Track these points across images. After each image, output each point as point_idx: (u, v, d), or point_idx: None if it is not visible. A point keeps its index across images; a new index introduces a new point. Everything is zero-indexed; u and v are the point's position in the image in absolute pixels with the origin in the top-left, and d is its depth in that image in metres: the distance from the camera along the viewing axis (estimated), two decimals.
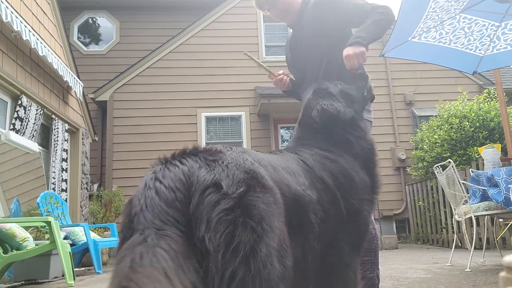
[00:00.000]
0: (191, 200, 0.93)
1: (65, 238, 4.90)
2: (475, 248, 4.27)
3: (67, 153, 6.84)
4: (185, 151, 1.08)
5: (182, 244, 0.86)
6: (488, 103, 7.40)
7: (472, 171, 4.44)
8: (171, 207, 0.91)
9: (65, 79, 6.55)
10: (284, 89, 2.37)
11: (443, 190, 5.42)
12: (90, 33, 10.68)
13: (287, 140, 9.46)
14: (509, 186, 3.40)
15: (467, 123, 7.00)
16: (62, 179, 6.54)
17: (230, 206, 0.90)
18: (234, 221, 0.88)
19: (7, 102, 5.44)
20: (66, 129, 6.89)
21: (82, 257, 5.54)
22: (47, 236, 4.55)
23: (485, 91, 8.21)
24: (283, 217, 1.02)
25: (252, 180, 0.98)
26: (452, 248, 4.49)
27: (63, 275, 4.03)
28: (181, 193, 0.94)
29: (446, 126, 7.27)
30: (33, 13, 6.00)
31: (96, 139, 8.96)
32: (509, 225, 4.63)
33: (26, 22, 5.45)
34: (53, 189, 6.19)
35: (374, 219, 7.37)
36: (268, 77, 2.42)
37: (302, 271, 1.21)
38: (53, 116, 6.49)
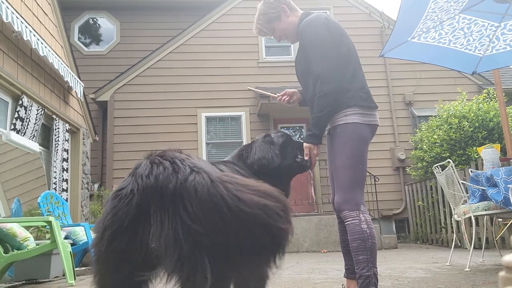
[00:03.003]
0: None
1: (66, 237, 4.91)
2: (474, 247, 4.28)
3: (67, 153, 6.85)
4: (170, 150, 1.43)
5: None
6: (487, 103, 7.41)
7: (471, 171, 4.45)
8: None
9: (65, 79, 6.56)
10: (293, 103, 2.62)
11: (442, 190, 5.43)
12: (91, 33, 10.69)
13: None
14: (508, 186, 3.42)
15: (466, 123, 7.01)
16: (63, 179, 6.55)
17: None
18: None
19: (8, 102, 5.45)
20: (67, 129, 6.90)
21: (82, 256, 5.55)
22: (47, 235, 4.56)
23: (484, 91, 8.22)
24: None
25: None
26: (451, 247, 4.51)
27: (63, 275, 4.04)
28: None
29: (446, 126, 7.29)
30: (33, 14, 6.01)
31: (97, 139, 8.97)
32: (508, 224, 4.64)
33: (27, 22, 5.46)
34: (54, 189, 6.21)
35: (373, 219, 7.44)
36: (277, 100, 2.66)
37: None
38: (54, 116, 6.50)
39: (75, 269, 4.06)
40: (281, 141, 2.26)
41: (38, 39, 5.52)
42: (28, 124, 5.52)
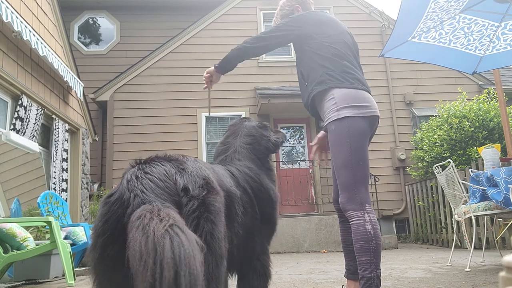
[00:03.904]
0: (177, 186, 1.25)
1: (66, 238, 4.91)
2: (474, 248, 4.28)
3: (67, 153, 6.84)
4: (158, 157, 1.38)
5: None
6: (488, 103, 7.41)
7: (471, 171, 4.44)
8: (163, 191, 1.23)
9: (65, 79, 6.55)
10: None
11: (442, 190, 5.42)
12: (91, 33, 10.69)
13: (287, 140, 9.47)
14: (508, 186, 3.41)
15: (467, 123, 7.01)
16: (63, 179, 6.55)
17: (196, 205, 1.23)
18: (199, 216, 1.22)
19: (7, 102, 5.45)
20: (67, 129, 6.90)
21: (82, 257, 5.54)
22: (47, 236, 4.56)
23: (484, 91, 8.22)
24: (224, 211, 1.39)
25: (208, 184, 1.31)
26: (451, 248, 4.50)
27: (63, 275, 4.04)
28: (168, 183, 1.25)
29: (446, 126, 7.28)
30: (33, 13, 6.01)
31: (97, 139, 8.97)
32: (509, 225, 4.64)
33: (27, 22, 5.46)
34: (54, 189, 6.20)
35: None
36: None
37: (230, 249, 1.52)
38: (54, 116, 6.50)
39: (74, 269, 4.06)
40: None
41: (37, 39, 5.52)
42: (27, 124, 5.52)
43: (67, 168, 6.76)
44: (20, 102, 5.43)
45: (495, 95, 7.54)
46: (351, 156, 2.16)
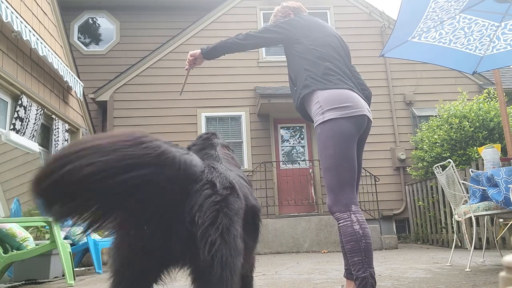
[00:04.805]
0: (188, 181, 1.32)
1: (65, 238, 4.90)
2: (475, 248, 4.27)
3: None
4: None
5: None
6: (488, 103, 7.41)
7: (472, 171, 4.44)
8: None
9: (65, 79, 6.55)
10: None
11: (443, 190, 5.42)
12: (90, 33, 10.69)
13: (287, 140, 9.47)
14: (509, 186, 3.41)
15: (467, 123, 7.00)
16: None
17: (219, 200, 1.32)
18: (219, 209, 1.31)
19: (7, 102, 5.45)
20: (66, 129, 6.90)
21: (82, 257, 5.54)
22: (47, 236, 4.56)
23: (485, 91, 8.22)
24: (243, 217, 1.50)
25: (232, 188, 1.44)
26: (452, 248, 4.50)
27: (63, 275, 4.04)
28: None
29: (446, 126, 7.28)
30: (33, 13, 6.01)
31: None
32: (509, 225, 4.63)
33: (26, 22, 5.46)
34: None
35: (374, 219, 7.41)
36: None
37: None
38: (53, 116, 6.50)
39: (74, 269, 4.05)
40: None
41: (37, 39, 5.52)
42: (27, 124, 5.51)
43: None
44: (20, 102, 5.43)
45: (495, 95, 7.54)
46: (335, 158, 2.17)
